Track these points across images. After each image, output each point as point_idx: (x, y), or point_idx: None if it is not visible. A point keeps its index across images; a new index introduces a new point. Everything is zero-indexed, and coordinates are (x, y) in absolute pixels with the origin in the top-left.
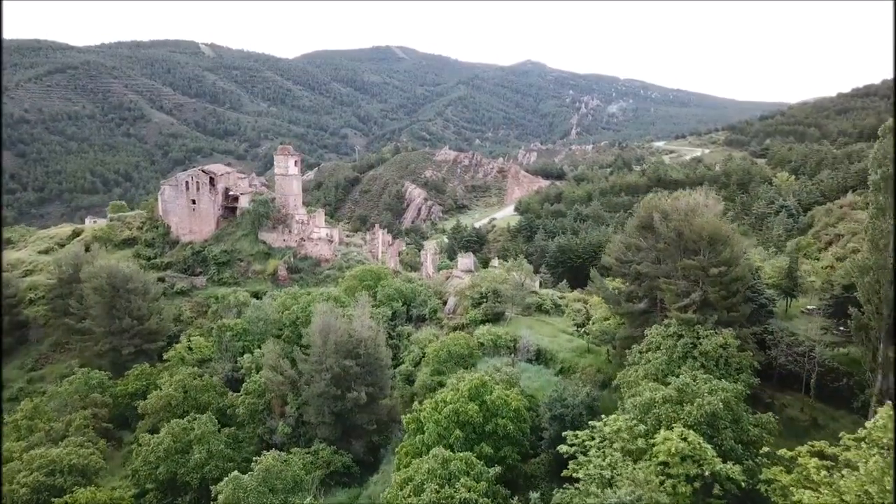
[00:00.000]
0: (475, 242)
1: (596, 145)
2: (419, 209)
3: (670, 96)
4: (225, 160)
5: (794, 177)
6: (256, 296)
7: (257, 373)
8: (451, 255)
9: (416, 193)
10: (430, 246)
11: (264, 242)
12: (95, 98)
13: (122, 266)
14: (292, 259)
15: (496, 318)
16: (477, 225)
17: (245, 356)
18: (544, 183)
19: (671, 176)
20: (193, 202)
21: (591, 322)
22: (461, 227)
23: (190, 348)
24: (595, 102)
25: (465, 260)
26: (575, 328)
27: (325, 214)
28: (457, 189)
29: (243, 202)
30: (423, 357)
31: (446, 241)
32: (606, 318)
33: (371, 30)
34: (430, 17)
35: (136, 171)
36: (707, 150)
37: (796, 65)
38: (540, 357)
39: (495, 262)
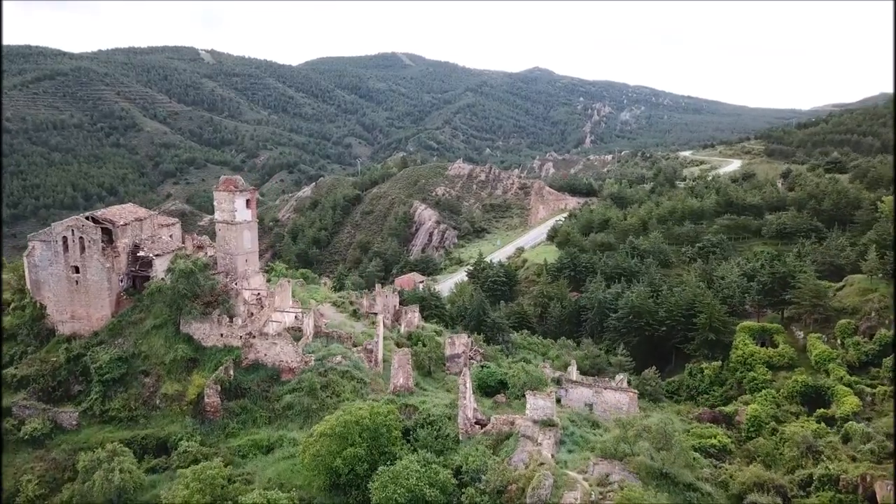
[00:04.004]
0: (503, 285)
1: (616, 155)
2: (430, 234)
3: (682, 103)
4: (220, 171)
5: None
6: (165, 446)
7: None
8: (482, 322)
9: (426, 215)
10: (461, 338)
11: (189, 339)
12: (85, 106)
13: None
14: (230, 373)
15: None
16: (503, 258)
17: None
18: (572, 200)
19: (745, 199)
20: (76, 270)
21: None
22: (484, 262)
23: None
24: (607, 109)
25: (540, 401)
26: None
27: (319, 243)
28: (473, 209)
29: (160, 269)
30: None
31: (466, 278)
32: None
33: (377, 36)
34: (436, 23)
35: (123, 185)
36: (744, 161)
37: (801, 71)
38: None
39: (573, 372)
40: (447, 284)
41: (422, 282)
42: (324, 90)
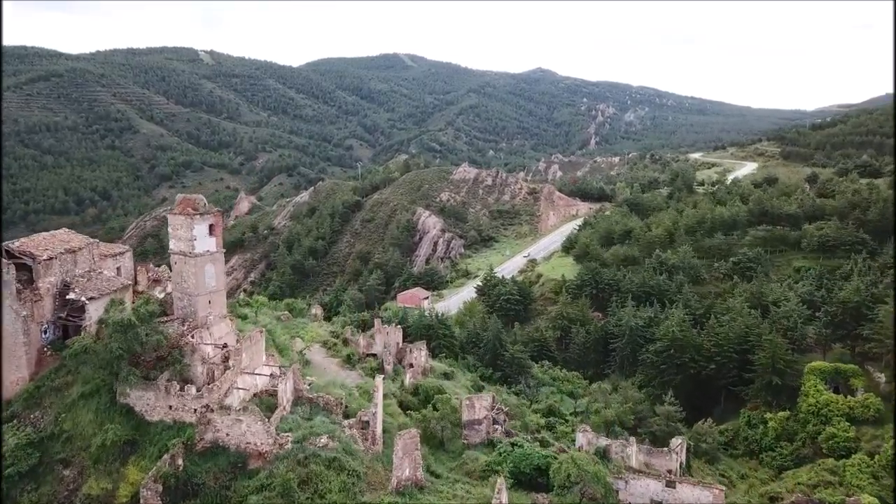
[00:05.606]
0: (517, 304)
1: (623, 157)
2: (435, 243)
3: (686, 104)
4: (217, 174)
5: None
6: None
7: None
8: (499, 357)
9: (430, 223)
10: (483, 400)
11: (129, 412)
12: (80, 108)
13: None
14: (179, 462)
15: None
16: (514, 270)
17: None
18: (583, 206)
19: (781, 208)
20: None
21: None
22: (495, 278)
23: None
24: (611, 111)
25: None
26: None
27: (316, 254)
28: (480, 216)
29: (95, 315)
30: None
31: (475, 295)
32: None
33: (378, 37)
34: (438, 24)
35: (117, 189)
36: (759, 164)
37: (802, 72)
38: None
39: (633, 454)
40: (454, 301)
41: (426, 298)
42: (325, 91)
